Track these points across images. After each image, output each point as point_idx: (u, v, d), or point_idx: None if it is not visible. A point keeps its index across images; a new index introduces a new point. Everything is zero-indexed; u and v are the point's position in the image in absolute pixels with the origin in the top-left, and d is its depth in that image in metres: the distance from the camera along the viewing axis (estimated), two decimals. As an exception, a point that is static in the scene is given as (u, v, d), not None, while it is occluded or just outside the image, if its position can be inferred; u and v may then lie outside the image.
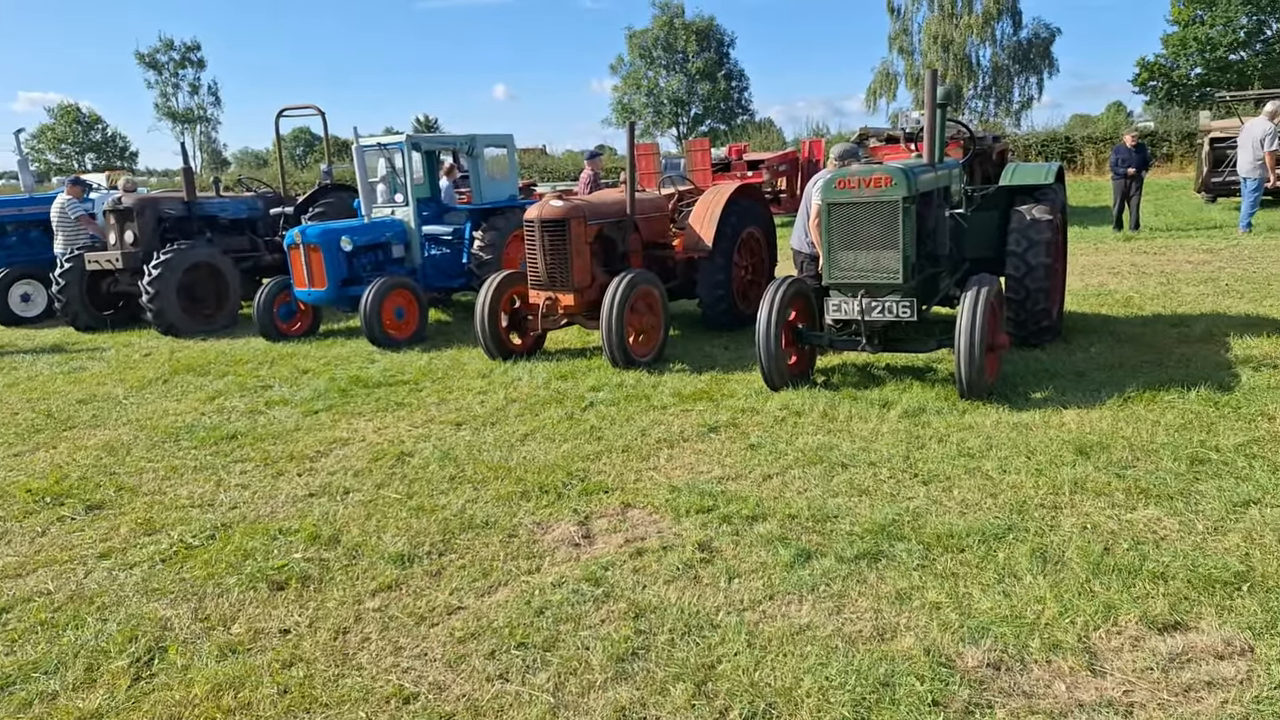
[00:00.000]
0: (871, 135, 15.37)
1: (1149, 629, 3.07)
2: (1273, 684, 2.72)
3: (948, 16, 39.73)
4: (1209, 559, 3.49)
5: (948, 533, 3.85)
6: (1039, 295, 6.84)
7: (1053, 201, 6.92)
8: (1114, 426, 5.10)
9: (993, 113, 40.98)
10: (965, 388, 5.62)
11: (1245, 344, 6.86)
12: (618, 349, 6.97)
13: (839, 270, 5.91)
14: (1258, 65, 37.68)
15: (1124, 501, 4.11)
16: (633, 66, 56.17)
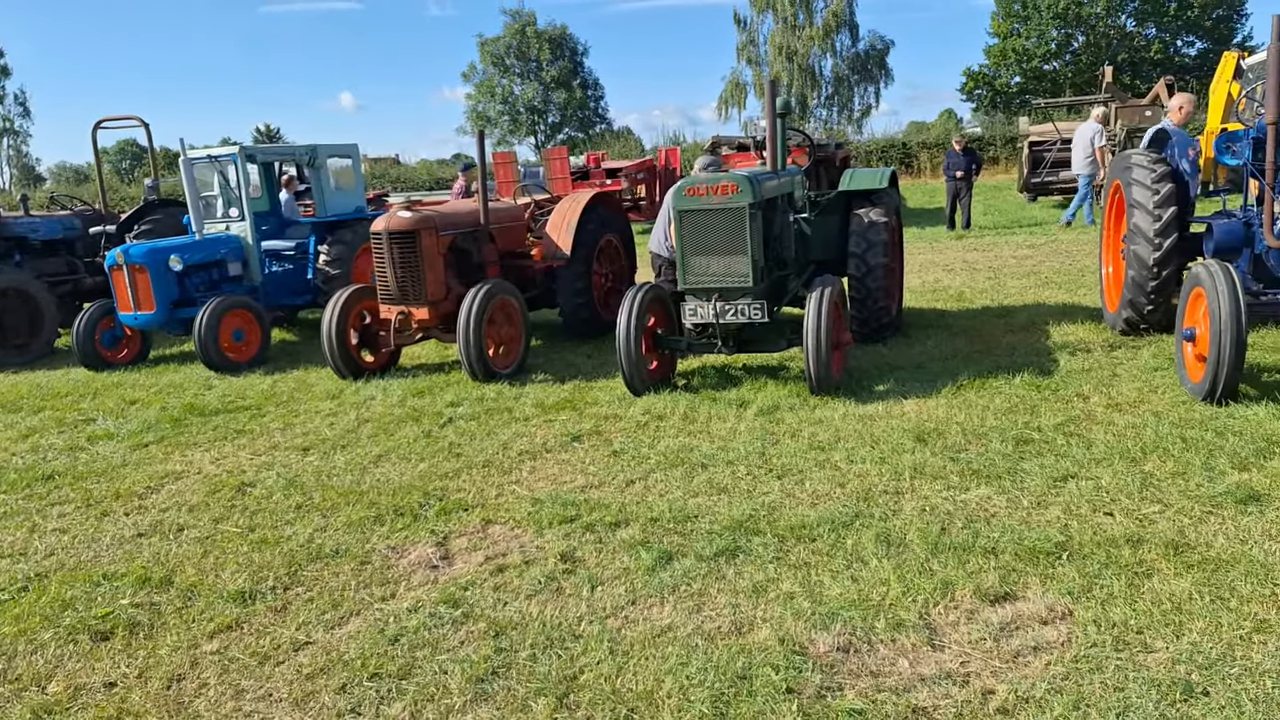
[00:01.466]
0: (723, 143, 15.84)
1: (982, 601, 3.28)
2: (1089, 643, 2.95)
3: (791, 28, 41.46)
4: (1033, 532, 3.77)
5: (800, 524, 3.99)
6: (879, 293, 7.22)
7: (887, 205, 7.32)
8: (949, 413, 5.44)
9: (836, 120, 43.09)
10: (815, 384, 5.85)
11: (1063, 331, 7.48)
12: (477, 362, 6.85)
13: (693, 275, 6.03)
14: (1068, 74, 41.40)
15: (958, 483, 4.38)
16: (486, 74, 55.54)
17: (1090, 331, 7.39)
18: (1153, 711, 2.58)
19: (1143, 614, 3.09)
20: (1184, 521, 3.78)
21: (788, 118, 7.24)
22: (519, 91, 55.01)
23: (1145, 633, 2.98)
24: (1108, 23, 41.27)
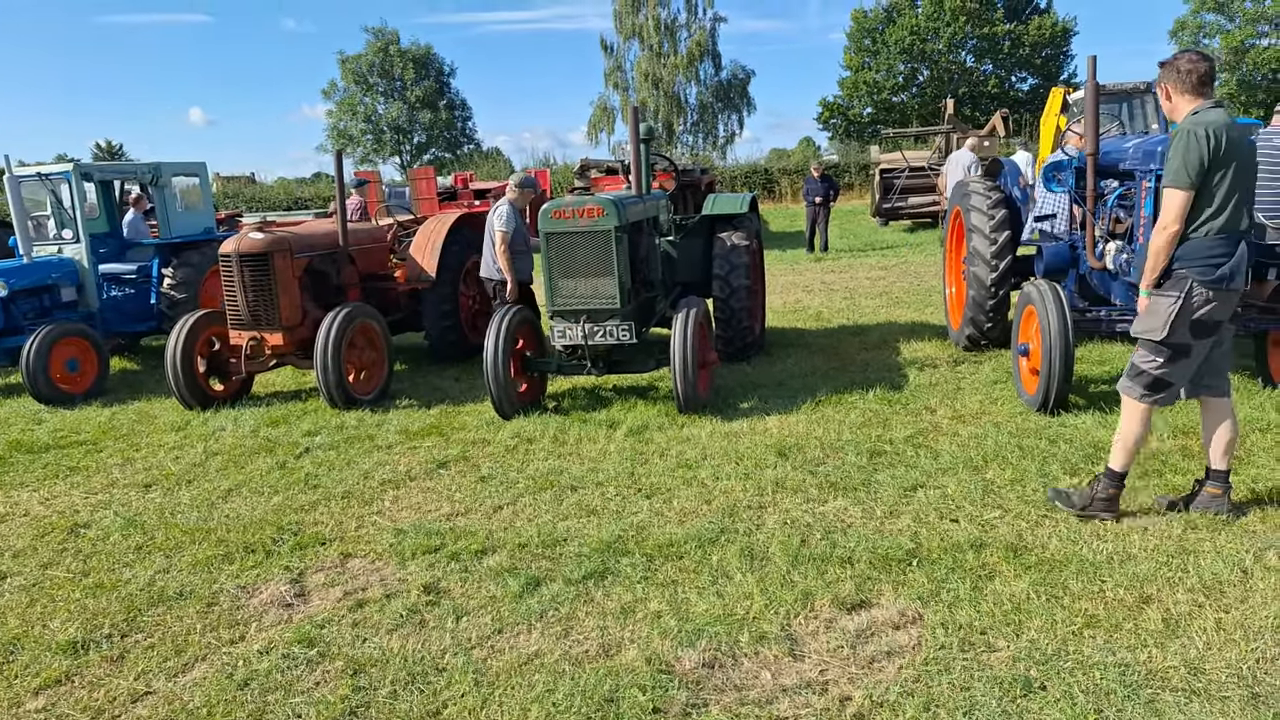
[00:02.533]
0: (592, 166, 15.97)
1: (840, 610, 3.40)
2: (937, 645, 3.11)
3: (656, 56, 42.44)
4: (886, 540, 3.95)
5: (668, 542, 4.03)
6: (742, 314, 7.44)
7: (749, 228, 7.57)
8: (808, 429, 5.65)
9: (701, 147, 44.38)
10: (683, 403, 5.95)
11: (912, 348, 7.93)
12: (336, 388, 6.57)
13: (561, 298, 6.03)
14: (915, 106, 44.22)
15: (817, 496, 4.54)
16: (347, 92, 53.91)
17: (936, 348, 7.87)
18: (996, 709, 2.74)
19: (986, 615, 3.28)
20: (1022, 525, 4.05)
21: (651, 143, 7.39)
22: (383, 110, 53.66)
23: (988, 633, 3.17)
24: (949, 59, 44.43)
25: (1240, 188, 3.75)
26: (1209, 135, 3.66)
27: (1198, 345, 3.88)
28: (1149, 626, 3.12)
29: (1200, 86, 3.80)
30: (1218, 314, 3.83)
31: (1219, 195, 3.73)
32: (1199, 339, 3.86)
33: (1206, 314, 3.81)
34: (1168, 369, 3.91)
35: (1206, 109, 3.78)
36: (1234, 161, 3.70)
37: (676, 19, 42.79)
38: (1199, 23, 48.55)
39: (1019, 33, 43.32)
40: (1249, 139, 3.84)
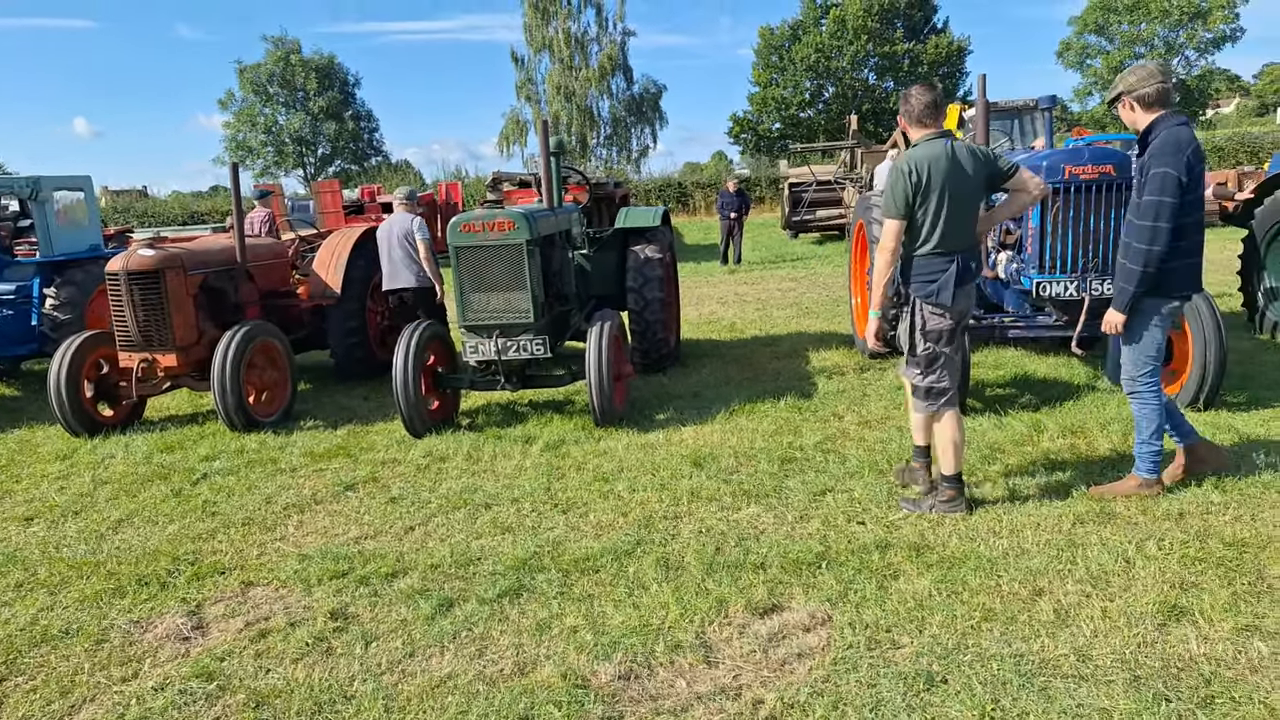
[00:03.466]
0: (505, 179, 15.84)
1: (753, 615, 3.45)
2: (845, 645, 3.19)
3: (568, 69, 42.49)
4: (797, 544, 4.03)
5: (584, 556, 4.01)
6: (657, 326, 7.51)
7: (662, 241, 7.65)
8: (723, 438, 5.73)
9: (616, 160, 44.62)
10: (599, 416, 5.95)
11: (821, 356, 8.14)
12: (235, 411, 6.31)
13: (472, 312, 5.95)
14: (821, 121, 45.55)
15: (731, 503, 4.61)
16: (246, 103, 52.11)
17: (844, 356, 8.09)
18: (900, 703, 2.83)
19: (891, 613, 3.38)
20: (924, 526, 4.20)
21: (563, 156, 7.40)
22: (284, 121, 52.06)
23: (893, 630, 3.27)
24: (853, 76, 45.99)
25: (953, 211, 4.09)
26: (912, 169, 4.07)
27: (946, 351, 4.25)
28: (1041, 617, 3.28)
29: (924, 117, 4.19)
30: (947, 324, 4.21)
31: (928, 220, 4.11)
32: (940, 346, 4.23)
33: (934, 325, 4.21)
34: (933, 376, 4.28)
35: (927, 139, 4.16)
36: (944, 188, 4.06)
37: (587, 32, 42.99)
38: (1083, 44, 51.67)
39: (917, 52, 45.19)
40: (972, 163, 4.12)
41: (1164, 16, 47.29)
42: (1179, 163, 3.98)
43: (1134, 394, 4.38)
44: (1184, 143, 4.01)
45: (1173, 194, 4.00)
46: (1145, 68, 4.17)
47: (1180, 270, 4.16)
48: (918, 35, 46.02)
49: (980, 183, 4.21)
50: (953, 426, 4.28)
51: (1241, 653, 2.97)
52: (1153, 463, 4.35)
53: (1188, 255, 4.16)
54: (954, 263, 4.13)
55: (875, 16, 44.40)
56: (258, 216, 9.75)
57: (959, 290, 4.18)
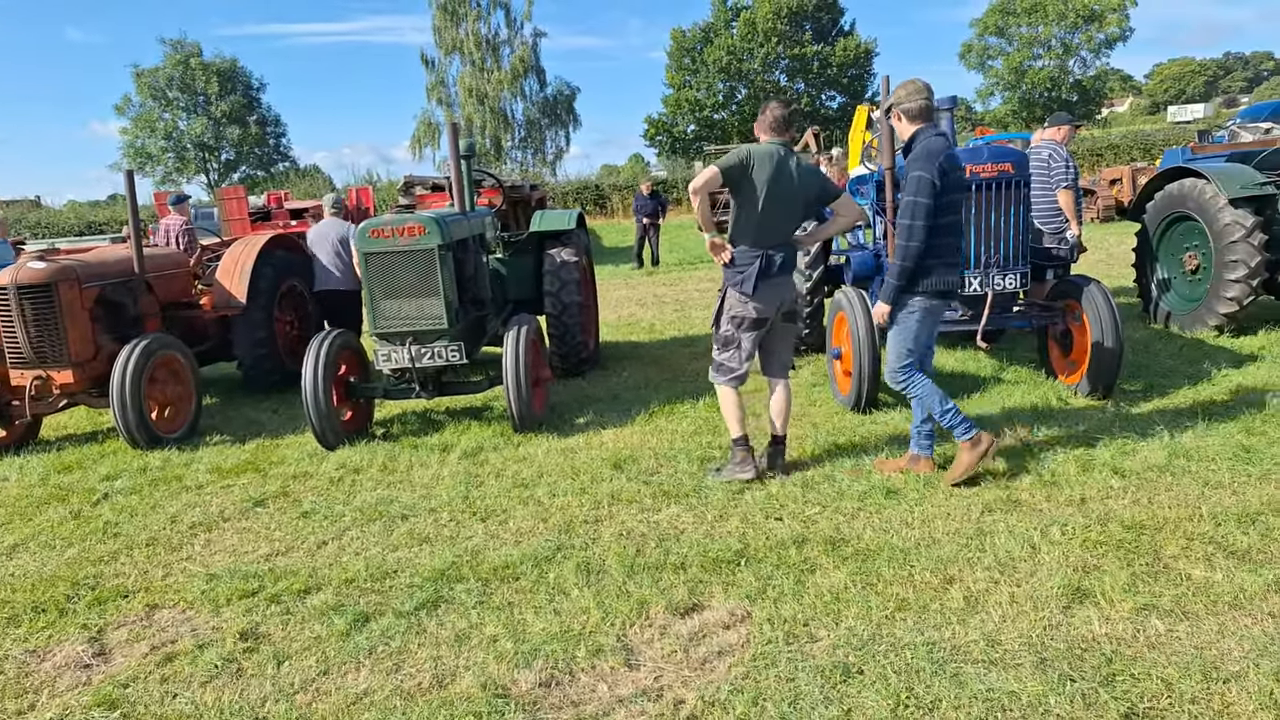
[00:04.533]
0: (417, 183, 15.47)
1: (674, 615, 3.46)
2: (764, 641, 3.23)
3: (480, 71, 41.97)
4: (716, 543, 4.06)
5: (504, 564, 3.96)
6: (575, 329, 7.48)
7: (577, 244, 7.63)
8: (643, 439, 5.75)
9: (531, 163, 44.33)
10: (518, 422, 5.90)
11: (739, 355, 8.24)
12: (137, 428, 6.02)
13: (384, 319, 5.82)
14: (735, 123, 46.26)
15: (652, 505, 4.62)
16: (144, 108, 49.88)
17: (762, 354, 8.21)
18: (818, 696, 2.87)
19: (808, 607, 3.44)
20: (840, 519, 4.29)
21: (474, 159, 7.30)
22: (185, 127, 50.01)
23: (810, 624, 3.32)
24: (764, 78, 46.85)
25: (771, 212, 4.59)
26: (750, 155, 4.58)
27: (743, 337, 4.78)
28: (952, 605, 3.38)
29: (775, 127, 4.67)
30: (749, 313, 4.72)
31: (745, 216, 4.64)
32: (741, 331, 4.76)
33: (737, 311, 4.74)
34: (726, 355, 4.85)
35: (765, 144, 4.66)
36: (768, 188, 4.53)
37: (498, 34, 42.58)
38: (984, 45, 53.85)
39: (826, 54, 46.31)
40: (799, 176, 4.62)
41: (1060, 19, 49.67)
42: (932, 168, 4.36)
43: (899, 385, 4.75)
44: (935, 152, 4.39)
45: (926, 195, 4.38)
46: (913, 84, 4.55)
47: (937, 269, 4.52)
48: (826, 38, 47.19)
49: (805, 195, 4.67)
50: (733, 399, 4.87)
51: (1140, 631, 3.13)
52: (926, 444, 4.79)
53: (942, 255, 4.52)
54: (760, 258, 4.61)
55: (784, 19, 45.36)
56: (173, 224, 8.94)
57: (763, 283, 4.65)
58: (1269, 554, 3.63)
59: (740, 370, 4.85)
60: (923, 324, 4.64)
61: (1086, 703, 2.74)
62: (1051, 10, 49.44)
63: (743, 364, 4.84)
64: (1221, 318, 7.54)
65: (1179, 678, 2.83)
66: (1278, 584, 3.37)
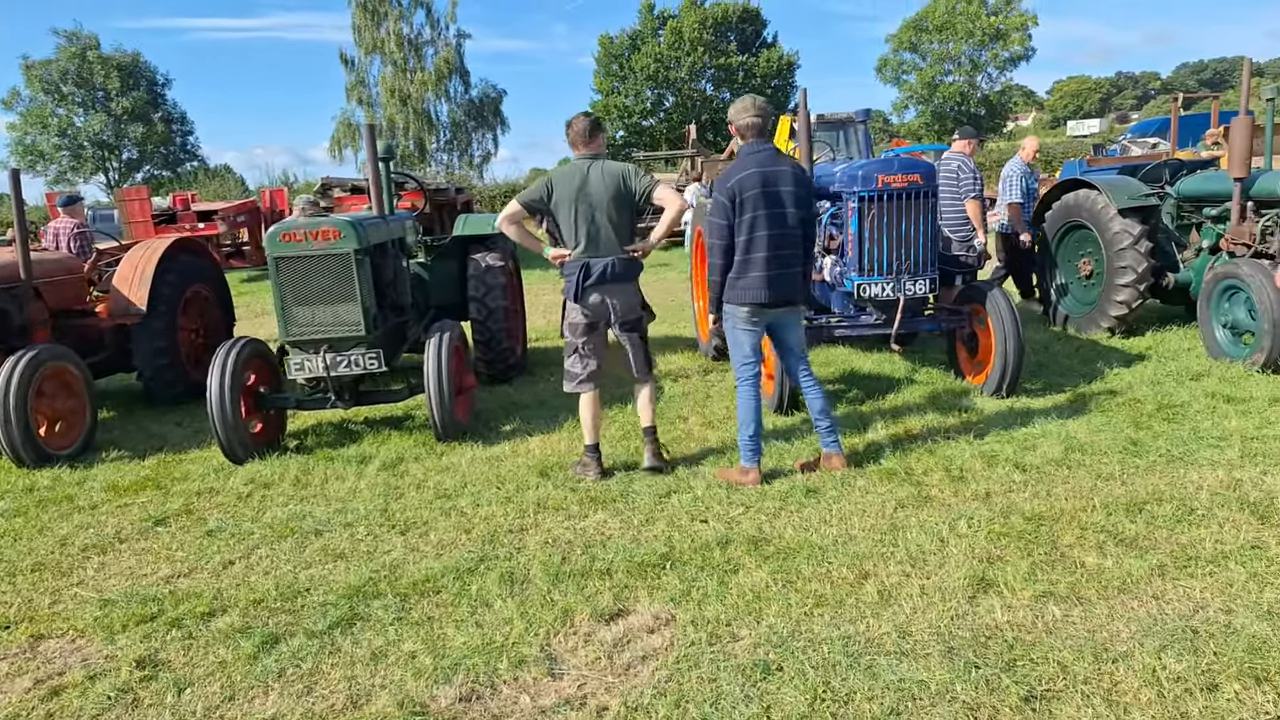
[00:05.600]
0: (335, 185, 15.11)
1: (598, 622, 3.44)
2: (688, 643, 3.24)
3: (402, 72, 41.12)
4: (642, 548, 4.06)
5: (425, 578, 3.87)
6: (502, 335, 7.39)
7: (503, 249, 7.53)
8: (570, 446, 5.71)
9: (457, 165, 43.64)
10: (440, 430, 5.78)
11: (667, 360, 8.26)
12: (22, 445, 5.66)
13: (297, 327, 5.63)
14: (663, 130, 46.51)
15: (578, 511, 4.59)
16: (35, 102, 47.24)
17: (688, 359, 8.27)
18: (739, 695, 2.89)
19: (731, 607, 3.46)
20: (762, 519, 4.34)
21: (393, 161, 7.15)
22: (81, 123, 47.57)
23: (733, 624, 3.35)
24: (691, 86, 47.29)
25: (583, 222, 4.84)
26: (551, 180, 4.91)
27: (579, 342, 5.01)
28: (867, 599, 3.46)
29: (577, 140, 4.93)
30: (578, 318, 4.98)
31: (563, 227, 4.90)
32: (577, 337, 5.00)
33: (572, 319, 5.01)
34: (570, 360, 5.08)
35: (577, 159, 4.94)
36: (574, 202, 4.80)
37: (421, 35, 41.83)
38: (899, 60, 55.57)
39: (750, 64, 47.04)
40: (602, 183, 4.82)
41: (969, 36, 51.66)
42: (724, 188, 4.65)
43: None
44: (733, 173, 4.66)
45: (719, 216, 4.67)
46: (744, 100, 4.77)
47: (748, 282, 4.69)
48: (750, 49, 47.95)
49: (613, 200, 4.82)
50: (587, 405, 5.07)
51: (1039, 618, 3.25)
52: (749, 451, 4.83)
53: (753, 269, 4.68)
54: (580, 267, 4.85)
55: (709, 29, 45.92)
56: (63, 227, 8.25)
57: (587, 290, 4.89)
58: (1153, 540, 3.84)
59: (582, 374, 5.04)
60: (747, 333, 4.83)
61: (990, 688, 2.84)
62: (960, 29, 51.42)
63: (585, 369, 5.04)
64: (1113, 320, 7.94)
65: (1073, 660, 2.95)
66: (1161, 569, 3.56)
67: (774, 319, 4.90)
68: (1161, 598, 3.35)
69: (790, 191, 4.69)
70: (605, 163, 4.92)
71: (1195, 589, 3.39)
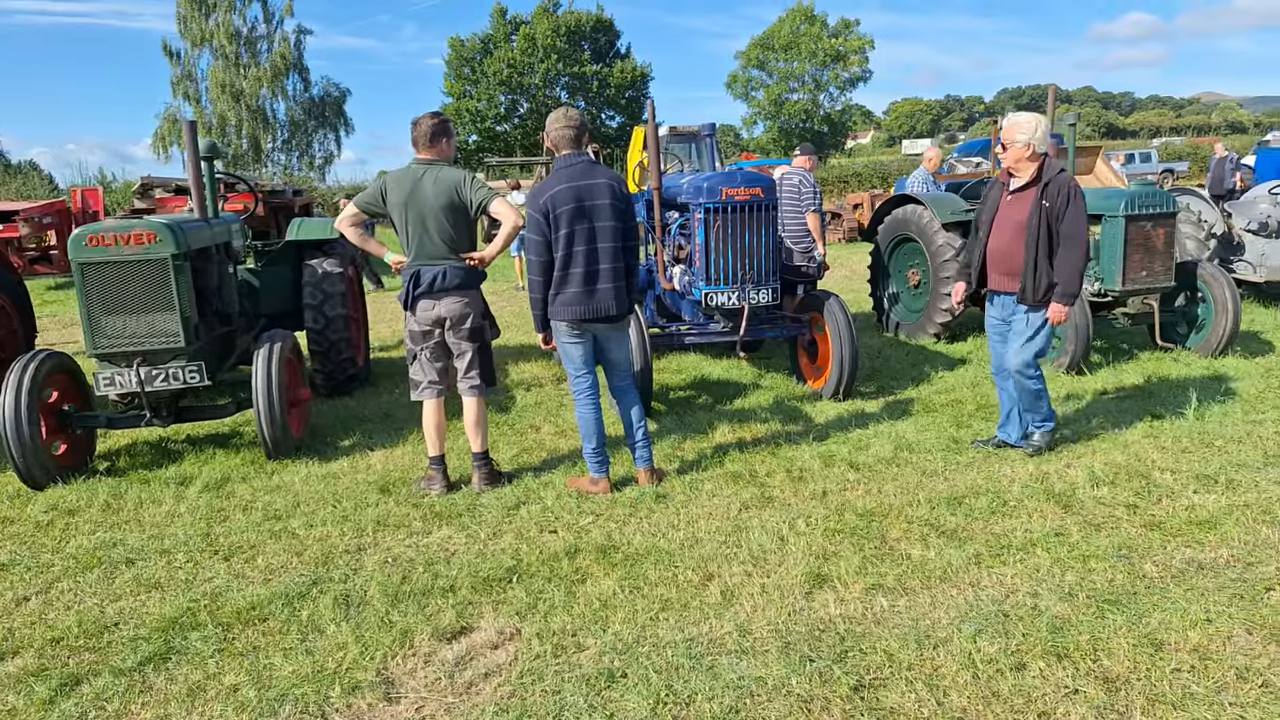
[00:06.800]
0: (157, 185, 14.01)
1: (440, 641, 3.33)
2: (532, 656, 3.18)
3: (233, 66, 38.75)
4: (488, 562, 3.97)
5: (250, 605, 3.62)
6: (341, 345, 7.05)
7: (342, 254, 7.20)
8: (415, 460, 5.52)
9: (297, 167, 41.58)
10: (271, 447, 5.45)
11: (520, 369, 8.17)
12: None
13: (105, 339, 5.15)
14: (518, 136, 46.15)
15: (421, 528, 4.43)
16: None
17: (542, 368, 8.20)
18: (583, 705, 2.87)
19: (577, 617, 3.44)
20: (611, 526, 4.34)
21: (219, 160, 6.70)
22: None
23: (579, 634, 3.32)
24: (545, 93, 47.20)
25: (415, 228, 4.71)
26: (385, 183, 4.81)
27: (416, 350, 4.91)
28: (710, 600, 3.52)
29: (416, 144, 4.79)
30: (412, 325, 4.87)
31: (400, 232, 4.78)
32: (413, 344, 4.92)
33: (408, 326, 4.90)
34: (412, 368, 4.98)
35: (415, 161, 4.79)
36: (406, 207, 4.69)
37: (255, 28, 39.63)
38: (747, 77, 57.69)
39: (605, 74, 47.50)
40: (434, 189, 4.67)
41: (811, 57, 54.36)
42: (536, 204, 4.57)
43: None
44: (545, 188, 4.59)
45: (535, 233, 4.58)
46: (558, 111, 4.76)
47: (567, 298, 4.62)
48: (604, 59, 48.46)
49: (445, 209, 4.69)
50: (429, 415, 4.95)
51: (869, 609, 3.42)
52: (595, 463, 4.82)
53: (571, 285, 4.60)
54: (413, 275, 4.75)
55: (563, 37, 46.05)
56: None
57: (418, 298, 4.77)
58: (971, 532, 4.13)
59: (424, 382, 4.94)
60: (572, 346, 4.76)
61: (823, 680, 2.95)
62: (804, 49, 54.06)
63: (425, 377, 4.94)
64: (938, 326, 8.53)
65: (899, 648, 3.12)
66: (977, 558, 3.83)
67: (598, 333, 4.80)
68: (978, 585, 3.60)
69: (607, 205, 4.58)
70: (441, 169, 4.75)
71: (1007, 575, 3.66)
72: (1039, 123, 4.86)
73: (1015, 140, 4.91)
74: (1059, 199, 4.80)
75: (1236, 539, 3.92)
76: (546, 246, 4.60)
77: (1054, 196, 4.82)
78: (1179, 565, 3.70)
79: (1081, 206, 4.82)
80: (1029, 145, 4.87)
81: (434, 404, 4.97)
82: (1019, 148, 4.89)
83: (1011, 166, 5.00)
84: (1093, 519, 4.21)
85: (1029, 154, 4.89)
